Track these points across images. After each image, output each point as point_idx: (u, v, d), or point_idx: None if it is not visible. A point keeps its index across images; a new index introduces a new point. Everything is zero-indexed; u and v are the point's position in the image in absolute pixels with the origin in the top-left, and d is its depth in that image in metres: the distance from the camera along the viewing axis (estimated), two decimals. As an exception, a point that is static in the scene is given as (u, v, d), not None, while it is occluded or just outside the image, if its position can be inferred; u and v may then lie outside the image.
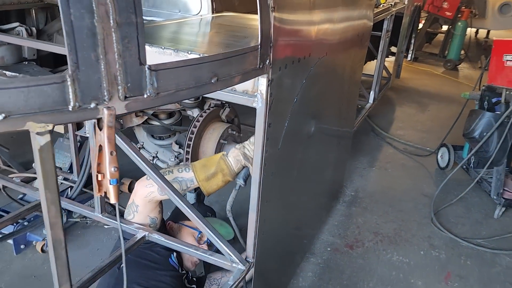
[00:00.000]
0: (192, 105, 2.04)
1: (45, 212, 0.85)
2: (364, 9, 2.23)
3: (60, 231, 0.87)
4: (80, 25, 0.75)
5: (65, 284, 0.91)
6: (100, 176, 0.89)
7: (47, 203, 0.83)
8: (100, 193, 0.89)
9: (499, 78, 2.90)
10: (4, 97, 0.71)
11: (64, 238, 0.88)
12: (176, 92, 0.93)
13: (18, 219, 2.02)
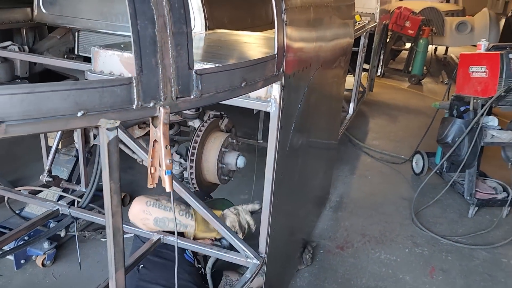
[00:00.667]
0: (193, 116, 2.15)
1: (108, 201, 0.95)
2: (347, 27, 2.43)
3: (119, 219, 0.96)
4: (144, 34, 0.87)
5: (120, 269, 1.00)
6: (152, 169, 0.99)
7: (110, 193, 0.93)
8: (152, 184, 0.99)
9: (466, 88, 3.16)
10: (83, 96, 0.82)
11: (122, 227, 0.98)
12: (215, 94, 1.05)
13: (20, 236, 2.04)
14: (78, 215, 1.80)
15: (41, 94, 0.77)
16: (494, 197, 3.17)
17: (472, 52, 3.23)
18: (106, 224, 0.97)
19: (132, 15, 0.85)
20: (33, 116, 0.77)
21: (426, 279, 2.46)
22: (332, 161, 3.05)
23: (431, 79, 7.62)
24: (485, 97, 2.96)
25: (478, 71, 3.04)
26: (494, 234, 2.92)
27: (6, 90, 0.74)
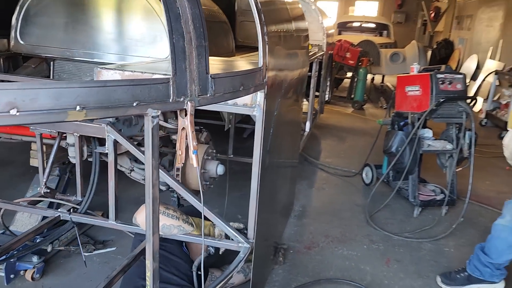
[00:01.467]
0: (176, 130, 2.41)
1: (149, 175, 1.19)
2: (304, 54, 2.83)
3: (157, 190, 1.21)
4: (178, 46, 1.16)
5: (156, 233, 1.23)
6: (179, 151, 1.26)
7: (151, 168, 1.18)
8: (179, 164, 1.25)
9: (404, 105, 3.67)
10: (137, 90, 1.09)
11: (158, 196, 1.22)
12: (223, 94, 1.35)
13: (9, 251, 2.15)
14: (79, 219, 1.97)
15: (110, 87, 1.03)
16: (434, 198, 3.64)
17: (407, 74, 3.76)
18: (146, 193, 1.21)
19: (169, 31, 1.14)
20: (104, 104, 1.02)
21: (383, 268, 2.81)
22: (294, 176, 3.38)
23: (372, 105, 8.33)
24: (420, 112, 3.45)
25: (413, 90, 3.55)
26: (436, 229, 3.35)
27: (86, 84, 0.99)
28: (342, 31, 10.89)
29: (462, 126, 3.42)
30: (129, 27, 2.80)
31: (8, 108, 0.89)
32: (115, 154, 1.86)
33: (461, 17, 12.01)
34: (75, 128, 2.03)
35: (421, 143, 3.49)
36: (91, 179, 2.06)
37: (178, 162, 1.26)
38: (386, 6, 16.48)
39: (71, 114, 0.97)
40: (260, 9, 1.61)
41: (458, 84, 3.41)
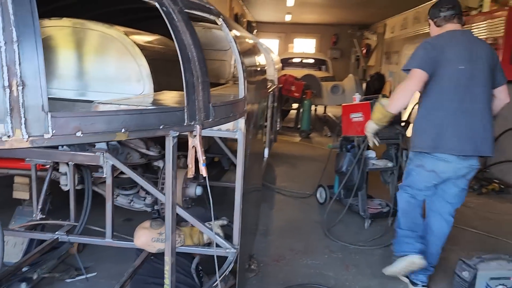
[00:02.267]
0: (157, 157, 2.68)
1: (169, 184, 1.48)
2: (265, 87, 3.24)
3: (175, 197, 1.49)
4: (189, 81, 1.49)
5: (173, 232, 1.51)
6: (190, 164, 1.55)
7: (171, 178, 1.47)
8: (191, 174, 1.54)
9: (350, 130, 4.16)
10: (163, 116, 1.40)
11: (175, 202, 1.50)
12: (220, 119, 1.68)
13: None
14: (77, 240, 2.16)
15: (145, 114, 1.33)
16: (381, 210, 4.12)
17: (350, 103, 4.28)
18: (166, 199, 1.49)
19: (183, 70, 1.47)
20: (141, 127, 1.32)
21: (344, 272, 3.17)
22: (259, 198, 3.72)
23: (317, 134, 8.94)
24: (364, 135, 3.95)
25: (357, 116, 4.06)
26: (385, 237, 3.79)
27: (128, 112, 1.29)
28: (284, 66, 11.62)
29: (399, 146, 3.96)
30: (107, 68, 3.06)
31: (75, 131, 1.17)
32: (112, 177, 2.10)
33: (389, 53, 13.26)
34: (70, 157, 2.24)
35: (367, 163, 3.98)
36: (85, 203, 2.27)
37: (190, 174, 1.54)
38: (322, 43, 17.71)
39: (119, 135, 1.26)
40: (239, 51, 1.98)
41: (394, 110, 3.96)
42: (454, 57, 2.62)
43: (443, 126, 2.62)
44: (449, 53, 2.62)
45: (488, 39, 5.81)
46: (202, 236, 2.25)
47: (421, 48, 2.66)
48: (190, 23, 1.57)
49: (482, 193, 5.25)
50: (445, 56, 2.61)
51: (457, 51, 2.64)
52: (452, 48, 2.65)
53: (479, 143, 2.61)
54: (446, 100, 2.64)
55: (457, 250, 3.63)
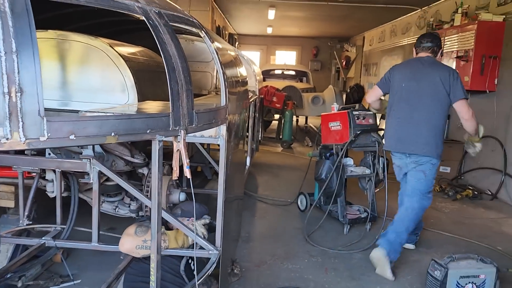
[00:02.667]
0: (142, 165, 2.76)
1: (155, 184, 1.57)
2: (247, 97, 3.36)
3: (160, 197, 1.59)
4: (174, 90, 1.60)
5: (159, 231, 1.59)
6: (175, 167, 1.65)
7: (157, 177, 1.56)
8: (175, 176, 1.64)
9: (329, 138, 4.31)
10: (150, 121, 1.50)
11: (161, 202, 1.59)
12: (203, 125, 1.79)
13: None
14: (64, 245, 2.22)
15: (133, 119, 1.43)
16: (359, 216, 4.25)
17: (329, 113, 4.44)
18: (151, 199, 1.58)
19: (169, 79, 1.58)
20: (129, 131, 1.42)
21: (323, 275, 3.28)
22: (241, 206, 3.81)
23: (299, 144, 9.10)
24: (342, 143, 4.11)
25: (335, 125, 4.22)
26: (363, 242, 3.92)
27: (118, 117, 1.39)
28: (266, 78, 11.82)
29: (376, 153, 4.12)
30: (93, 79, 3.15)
31: (68, 134, 1.26)
32: (99, 183, 2.18)
33: (368, 65, 13.60)
34: (57, 165, 2.31)
35: (345, 170, 4.12)
36: (71, 208, 2.33)
37: (174, 176, 1.64)
38: (303, 55, 18.02)
39: (108, 138, 1.36)
40: (221, 62, 2.10)
41: (370, 119, 4.14)
42: (400, 77, 3.42)
43: (392, 131, 3.50)
44: (397, 74, 3.45)
45: (460, 52, 6.09)
46: (187, 238, 2.32)
47: (388, 71, 3.58)
48: (175, 35, 1.69)
49: (457, 199, 5.46)
50: (394, 77, 3.46)
51: (403, 73, 3.42)
52: (401, 71, 3.46)
53: (411, 145, 3.35)
54: (394, 111, 3.49)
55: (431, 252, 3.78)
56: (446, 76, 3.29)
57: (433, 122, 3.34)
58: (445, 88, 3.27)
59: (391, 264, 3.28)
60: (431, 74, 3.32)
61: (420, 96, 3.32)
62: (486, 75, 5.70)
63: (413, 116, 3.33)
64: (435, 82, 3.28)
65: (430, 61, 3.43)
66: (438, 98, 3.29)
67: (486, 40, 5.68)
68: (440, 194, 5.61)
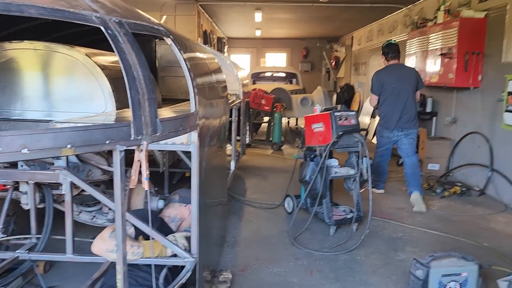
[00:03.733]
0: (119, 173, 2.74)
1: (118, 195, 1.56)
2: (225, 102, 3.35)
3: (124, 208, 1.57)
4: (135, 99, 1.59)
5: (124, 241, 1.58)
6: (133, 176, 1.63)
7: (120, 190, 1.55)
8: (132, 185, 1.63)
9: (312, 140, 4.31)
10: (109, 132, 1.49)
11: (125, 214, 1.58)
12: (169, 133, 1.78)
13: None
14: (38, 257, 2.20)
15: (91, 130, 1.42)
16: (345, 217, 4.25)
17: (312, 114, 4.44)
18: (115, 211, 1.57)
19: (129, 88, 1.56)
20: (87, 142, 1.40)
21: (308, 278, 3.27)
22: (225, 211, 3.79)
23: (289, 145, 9.09)
24: (325, 144, 4.11)
25: (318, 127, 4.22)
26: (349, 243, 3.91)
27: (74, 128, 1.37)
28: (256, 80, 11.83)
29: (360, 154, 4.12)
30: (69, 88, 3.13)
31: (21, 148, 1.25)
32: (71, 194, 2.16)
33: (357, 64, 13.64)
34: (30, 176, 2.29)
35: (329, 171, 4.12)
36: (46, 220, 2.31)
37: (132, 185, 1.63)
38: (293, 57, 18.06)
39: (64, 151, 1.34)
40: (189, 68, 2.09)
41: (352, 119, 4.14)
42: (389, 81, 5.10)
43: (386, 115, 5.19)
44: (386, 78, 5.13)
45: (444, 49, 6.12)
46: (165, 249, 2.28)
47: (375, 79, 5.26)
48: (135, 44, 1.67)
49: (445, 196, 5.47)
50: (385, 80, 5.13)
51: (390, 77, 5.12)
52: (388, 76, 5.15)
53: (404, 123, 5.09)
54: (387, 102, 5.17)
55: (417, 251, 3.78)
56: (415, 75, 5.24)
57: (413, 107, 5.14)
58: (415, 82, 5.15)
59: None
60: (407, 75, 5.20)
61: (405, 91, 5.08)
62: (470, 72, 5.73)
63: (403, 104, 5.05)
64: (412, 80, 5.15)
65: (401, 66, 5.41)
66: (413, 90, 5.14)
67: (469, 36, 5.71)
68: (428, 192, 5.61)
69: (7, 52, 3.24)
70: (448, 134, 6.74)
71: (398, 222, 4.52)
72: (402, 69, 5.30)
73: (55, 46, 3.25)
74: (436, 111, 7.13)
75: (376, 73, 5.25)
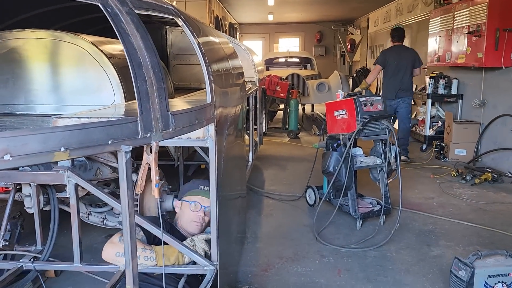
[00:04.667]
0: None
1: (125, 204, 1.33)
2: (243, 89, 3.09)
3: (133, 219, 1.34)
4: (142, 89, 1.34)
5: (134, 258, 1.35)
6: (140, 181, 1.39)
7: (127, 198, 1.32)
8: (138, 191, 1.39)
9: (335, 128, 4.03)
10: (112, 130, 1.24)
11: (134, 224, 1.35)
12: (182, 128, 1.53)
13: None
14: (43, 267, 2.00)
15: (89, 129, 1.18)
16: (372, 209, 3.98)
17: (334, 101, 4.15)
18: (123, 222, 1.34)
19: (134, 77, 1.32)
20: (85, 144, 1.17)
21: (336, 278, 3.03)
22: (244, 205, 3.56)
23: (306, 133, 8.81)
24: (350, 132, 3.83)
25: (341, 114, 3.93)
26: (377, 237, 3.66)
27: (68, 127, 1.14)
28: (269, 67, 11.50)
29: (387, 141, 3.83)
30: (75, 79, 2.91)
31: (2, 154, 1.01)
32: (77, 197, 1.94)
33: (374, 47, 13.18)
34: (32, 178, 2.08)
35: (354, 161, 3.85)
36: (51, 226, 2.10)
37: (138, 190, 1.39)
38: (307, 41, 17.62)
39: (57, 155, 1.11)
40: (204, 53, 1.83)
41: (378, 105, 3.85)
42: (391, 58, 6.26)
43: (392, 88, 6.29)
44: (389, 57, 6.29)
45: (471, 27, 5.73)
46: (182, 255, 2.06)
47: (381, 55, 6.52)
48: (141, 25, 1.43)
49: (475, 183, 5.14)
50: (388, 58, 6.29)
51: (392, 55, 6.28)
52: (391, 54, 6.31)
53: (403, 93, 6.25)
54: (388, 75, 6.36)
55: (452, 246, 3.51)
56: (414, 55, 6.33)
57: (410, 80, 6.31)
58: (413, 61, 6.26)
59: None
60: (407, 54, 6.33)
61: (404, 67, 6.23)
62: (501, 50, 5.34)
63: (401, 79, 6.23)
64: (410, 59, 6.26)
65: (403, 47, 6.48)
66: (410, 66, 6.25)
67: (500, 12, 5.32)
68: (458, 179, 5.30)
69: (8, 42, 3.02)
70: (476, 118, 6.38)
71: (428, 213, 4.24)
72: (403, 49, 6.43)
73: (59, 35, 3.02)
74: (462, 94, 6.76)
75: (383, 51, 6.71)
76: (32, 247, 2.19)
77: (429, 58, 7.38)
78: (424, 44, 8.01)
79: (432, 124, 6.99)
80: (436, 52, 7.03)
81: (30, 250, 2.17)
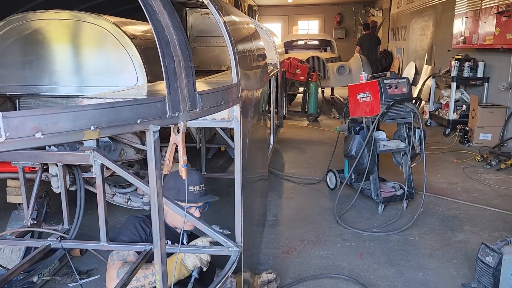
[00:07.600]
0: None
1: (153, 184, 1.32)
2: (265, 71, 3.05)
3: (161, 199, 1.34)
4: (170, 68, 1.32)
5: (162, 238, 1.35)
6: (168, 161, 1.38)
7: (155, 178, 1.31)
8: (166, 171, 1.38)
9: (358, 111, 3.96)
10: (140, 109, 1.23)
11: (162, 203, 1.35)
12: (209, 108, 1.51)
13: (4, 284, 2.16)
14: (70, 245, 2.03)
15: (118, 108, 1.16)
16: (395, 193, 3.93)
17: (357, 83, 4.07)
18: (151, 202, 1.33)
19: (162, 56, 1.30)
20: (114, 123, 1.16)
21: (358, 262, 3.01)
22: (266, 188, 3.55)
23: (325, 116, 8.72)
24: (373, 116, 3.76)
25: (364, 96, 3.86)
26: (400, 222, 3.62)
27: (98, 106, 1.13)
28: (289, 49, 11.35)
29: (411, 125, 3.76)
30: (97, 60, 2.91)
31: (34, 132, 1.01)
32: (103, 177, 1.95)
33: (396, 29, 12.86)
34: (58, 158, 2.10)
35: (377, 144, 3.78)
36: (78, 205, 2.13)
37: (166, 170, 1.38)
38: (326, 23, 17.32)
39: (87, 134, 1.10)
40: (230, 32, 1.80)
41: (403, 87, 3.76)
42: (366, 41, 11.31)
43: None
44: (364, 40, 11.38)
45: (500, 7, 5.52)
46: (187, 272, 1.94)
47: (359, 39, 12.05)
48: (168, 2, 1.40)
49: (501, 168, 5.02)
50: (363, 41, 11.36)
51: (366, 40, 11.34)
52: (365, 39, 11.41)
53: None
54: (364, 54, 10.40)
55: (477, 231, 3.44)
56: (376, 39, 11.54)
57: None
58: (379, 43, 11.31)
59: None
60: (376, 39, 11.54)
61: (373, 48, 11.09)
62: (531, 31, 5.14)
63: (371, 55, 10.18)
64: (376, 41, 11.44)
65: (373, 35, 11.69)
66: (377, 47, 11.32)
67: (531, -9, 5.10)
68: (482, 164, 5.19)
69: (32, 23, 3.03)
70: (502, 101, 6.19)
71: (452, 198, 4.16)
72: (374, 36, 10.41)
73: (82, 15, 3.02)
74: (488, 77, 6.56)
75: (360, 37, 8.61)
76: (59, 226, 2.22)
77: (454, 40, 7.17)
78: (449, 25, 7.76)
79: (456, 108, 6.82)
80: (462, 34, 6.82)
81: (58, 229, 2.21)
